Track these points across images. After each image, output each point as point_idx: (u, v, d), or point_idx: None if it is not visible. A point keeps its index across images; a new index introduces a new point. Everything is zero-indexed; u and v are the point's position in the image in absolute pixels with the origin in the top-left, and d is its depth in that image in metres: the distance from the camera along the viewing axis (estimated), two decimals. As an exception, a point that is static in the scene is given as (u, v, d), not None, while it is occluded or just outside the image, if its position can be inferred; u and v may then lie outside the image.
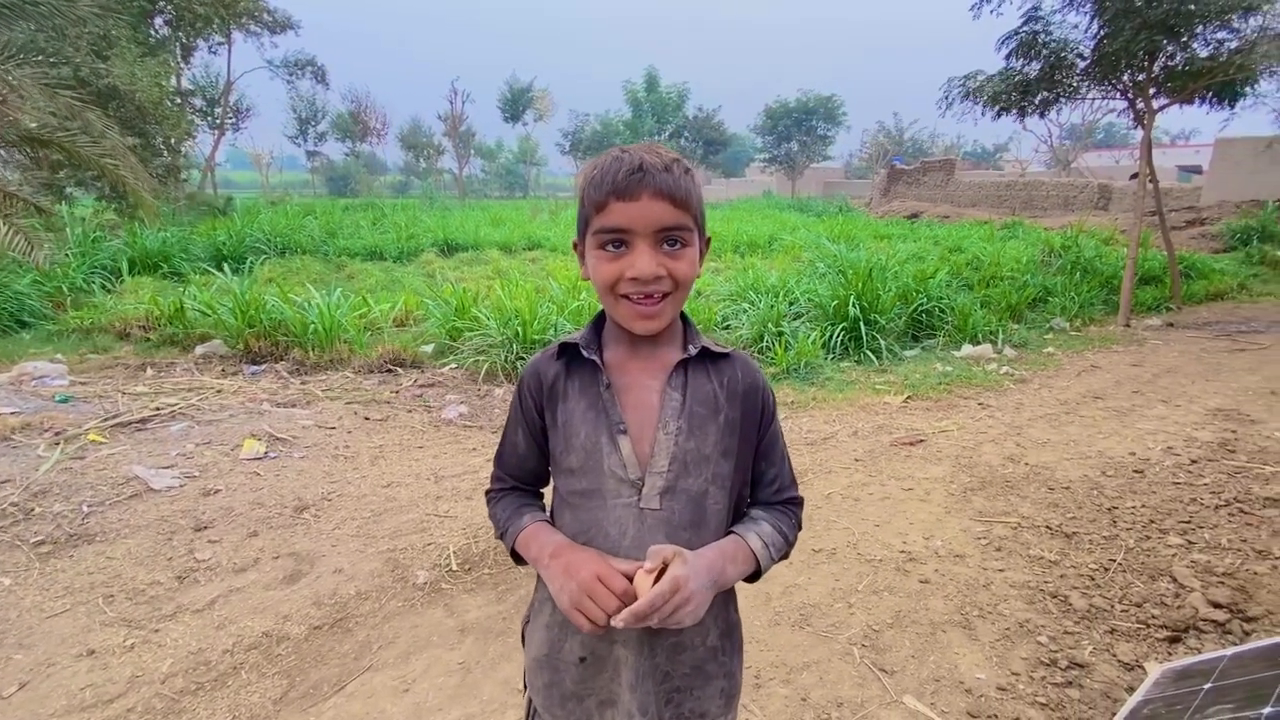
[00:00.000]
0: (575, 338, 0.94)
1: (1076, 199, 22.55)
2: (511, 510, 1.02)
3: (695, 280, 0.88)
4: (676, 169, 0.83)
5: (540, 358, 0.98)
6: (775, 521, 0.97)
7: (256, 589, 2.47)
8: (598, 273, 0.85)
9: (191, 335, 6.36)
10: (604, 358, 0.93)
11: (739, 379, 0.95)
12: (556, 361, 0.95)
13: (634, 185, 0.80)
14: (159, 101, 15.73)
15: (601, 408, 0.90)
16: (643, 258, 0.81)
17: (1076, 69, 8.70)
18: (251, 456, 3.48)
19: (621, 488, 0.89)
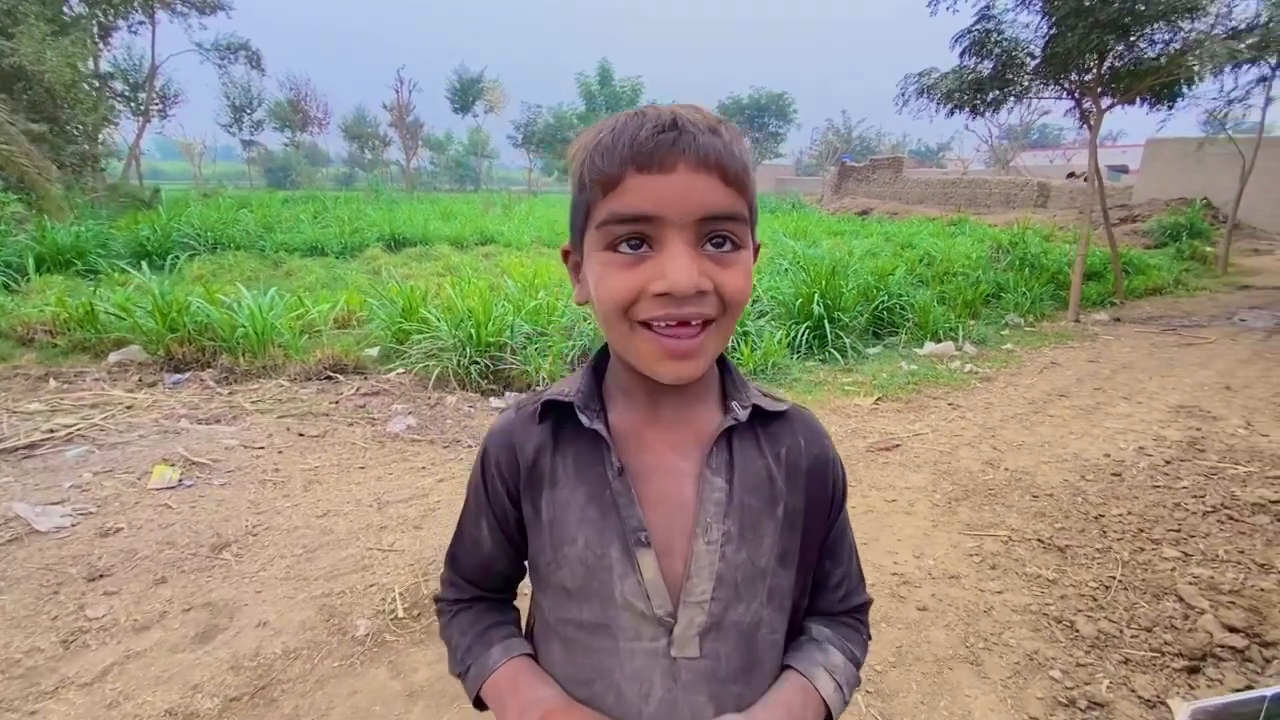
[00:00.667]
0: (565, 390, 0.65)
1: (1017, 196, 23.39)
2: (474, 636, 0.72)
3: (746, 303, 0.59)
4: (726, 131, 0.55)
5: (513, 420, 0.68)
6: (844, 643, 0.71)
7: (161, 652, 2.09)
8: (605, 287, 0.55)
9: (105, 340, 5.73)
10: (609, 421, 0.64)
11: (801, 449, 0.67)
12: (539, 427, 0.66)
13: (665, 150, 0.52)
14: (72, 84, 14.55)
15: (610, 503, 0.62)
16: (678, 261, 0.52)
17: (1027, 68, 8.83)
18: (162, 486, 3.04)
19: (642, 626, 0.61)
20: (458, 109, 38.50)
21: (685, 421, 0.64)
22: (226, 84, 35.15)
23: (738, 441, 0.64)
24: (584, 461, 0.63)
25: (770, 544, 0.63)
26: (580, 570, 0.62)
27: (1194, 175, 18.10)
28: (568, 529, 0.63)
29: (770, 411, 0.66)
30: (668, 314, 0.53)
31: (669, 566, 0.61)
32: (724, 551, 0.61)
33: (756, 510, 0.63)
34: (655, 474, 0.63)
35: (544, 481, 0.65)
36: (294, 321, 6.03)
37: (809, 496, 0.67)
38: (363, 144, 43.39)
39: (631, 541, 0.60)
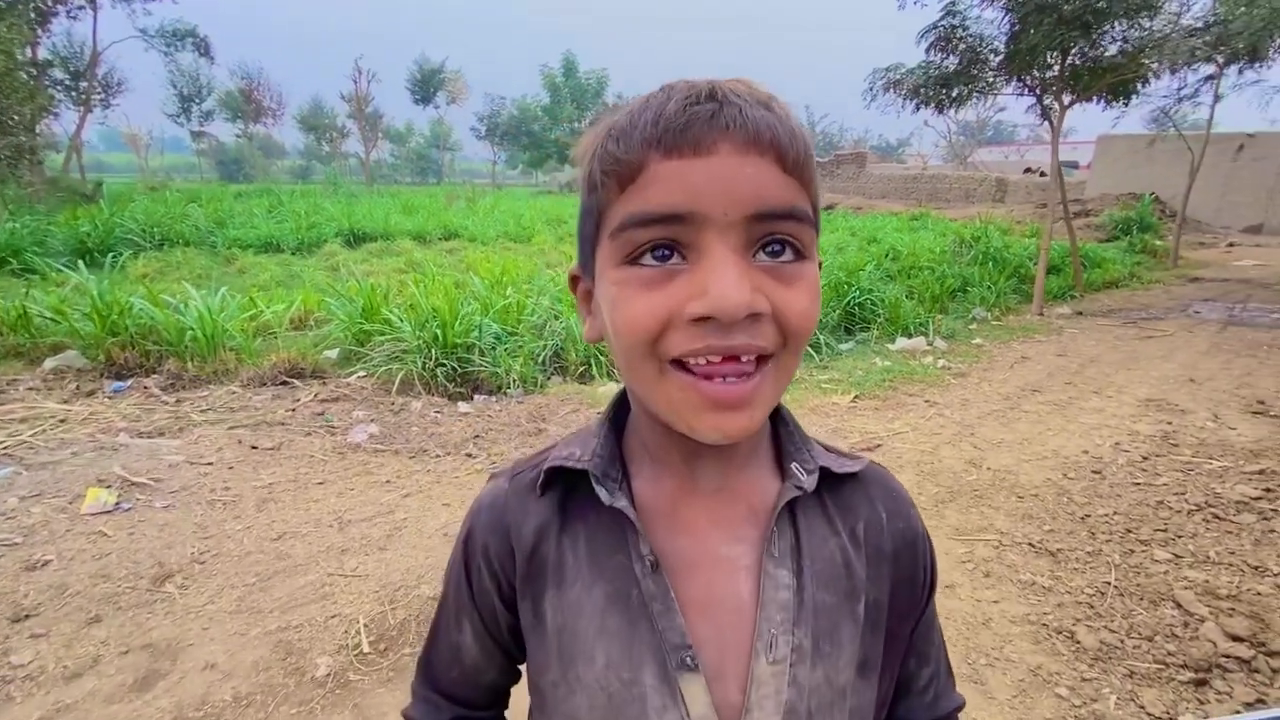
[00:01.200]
0: (578, 453, 0.50)
1: (976, 191, 23.96)
2: None
3: (812, 334, 0.44)
4: (778, 107, 0.41)
5: (506, 492, 0.53)
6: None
7: (95, 703, 1.86)
8: (624, 314, 0.41)
9: (40, 346, 5.32)
10: (634, 492, 0.49)
11: (883, 524, 0.52)
12: (540, 501, 0.51)
13: (702, 125, 0.38)
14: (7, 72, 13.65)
15: (640, 609, 0.47)
16: (723, 272, 0.38)
17: (990, 64, 8.93)
18: (97, 510, 2.77)
19: None
20: (418, 100, 37.62)
21: (733, 491, 0.49)
22: (173, 72, 33.62)
23: (802, 517, 0.49)
24: (600, 548, 0.49)
25: (850, 653, 0.49)
26: (601, 699, 0.47)
27: (1143, 171, 18.76)
28: (583, 643, 0.48)
29: (840, 474, 0.51)
30: (709, 346, 0.39)
31: (722, 695, 0.46)
32: (794, 674, 0.46)
33: (833, 610, 0.48)
34: (700, 567, 0.48)
35: (548, 574, 0.50)
36: (247, 323, 5.71)
37: (895, 585, 0.52)
38: (320, 135, 42.02)
39: (674, 664, 0.46)
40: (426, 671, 0.61)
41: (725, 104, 0.38)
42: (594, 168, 0.42)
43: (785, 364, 0.42)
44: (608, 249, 0.42)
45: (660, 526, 0.49)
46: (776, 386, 0.43)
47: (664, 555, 0.48)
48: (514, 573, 0.51)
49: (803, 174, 0.41)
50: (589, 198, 0.43)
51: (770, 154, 0.39)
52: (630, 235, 0.40)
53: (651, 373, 0.41)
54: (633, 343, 0.40)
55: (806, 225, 0.41)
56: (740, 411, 0.41)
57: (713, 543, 0.48)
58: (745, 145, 0.38)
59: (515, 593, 0.51)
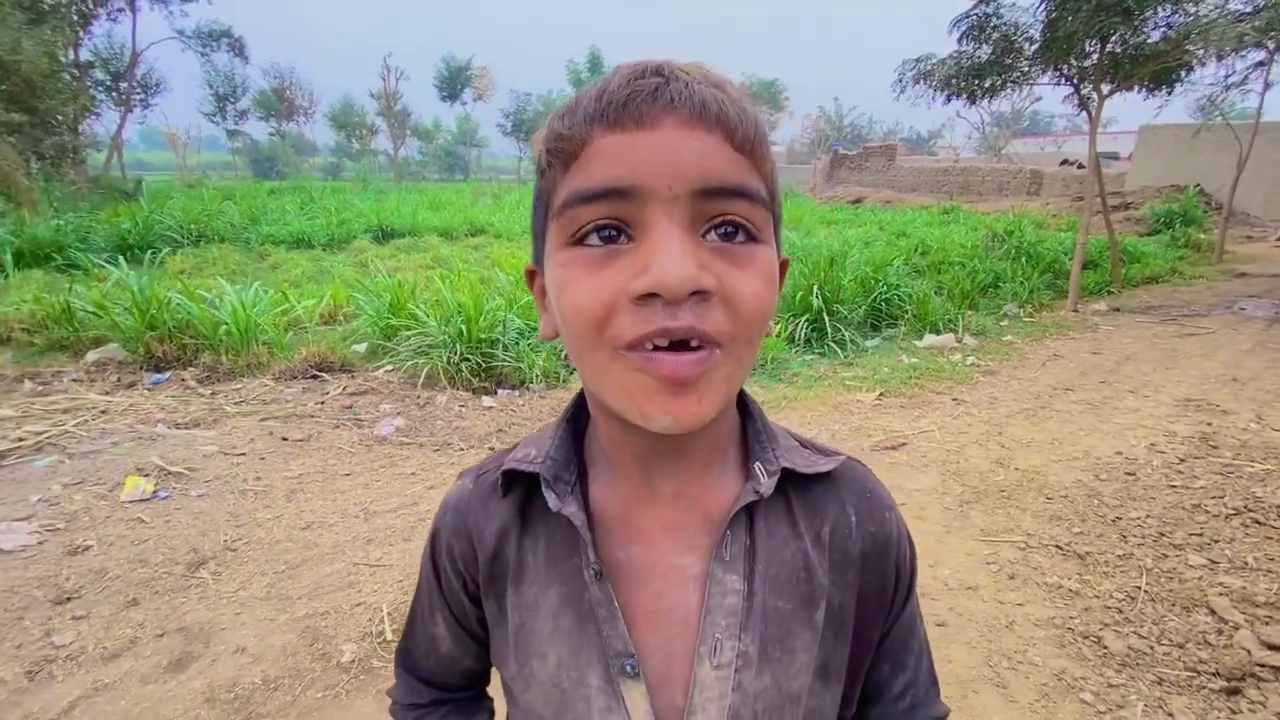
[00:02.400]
0: (533, 455, 0.49)
1: (1010, 184, 23.35)
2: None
3: (770, 326, 0.42)
4: (731, 89, 0.39)
5: (468, 495, 0.53)
6: None
7: (131, 683, 1.94)
8: (569, 297, 0.39)
9: (83, 339, 5.54)
10: (589, 498, 0.49)
11: (852, 527, 0.50)
12: (501, 502, 0.51)
13: (644, 99, 0.37)
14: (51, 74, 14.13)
15: (588, 612, 0.47)
16: (667, 246, 0.36)
17: (1025, 53, 8.69)
18: (135, 498, 2.87)
19: None
20: (445, 97, 38.00)
21: (690, 498, 0.48)
22: (209, 72, 34.47)
23: (763, 520, 0.48)
24: (558, 551, 0.48)
25: (806, 660, 0.48)
26: (554, 694, 0.48)
27: (1187, 162, 18.06)
28: (538, 641, 0.48)
29: (807, 475, 0.49)
30: (657, 329, 0.36)
31: (666, 700, 0.46)
32: (739, 679, 0.46)
33: (786, 615, 0.47)
34: (651, 576, 0.47)
35: (508, 575, 0.50)
36: (279, 318, 5.85)
37: (862, 590, 0.50)
38: (350, 133, 42.75)
39: (615, 670, 0.46)
40: (406, 659, 0.62)
41: (671, 79, 0.37)
42: (541, 152, 0.41)
43: (739, 353, 0.40)
44: (554, 231, 0.40)
45: (614, 534, 0.48)
46: (731, 376, 0.40)
47: (616, 564, 0.47)
48: (478, 573, 0.52)
49: (754, 153, 0.39)
50: (540, 182, 0.42)
51: (718, 130, 0.37)
52: (574, 213, 0.38)
53: (601, 362, 0.39)
54: (580, 328, 0.39)
55: (760, 207, 0.39)
56: (689, 394, 0.38)
57: (665, 551, 0.48)
58: (691, 119, 0.37)
59: (481, 591, 0.52)
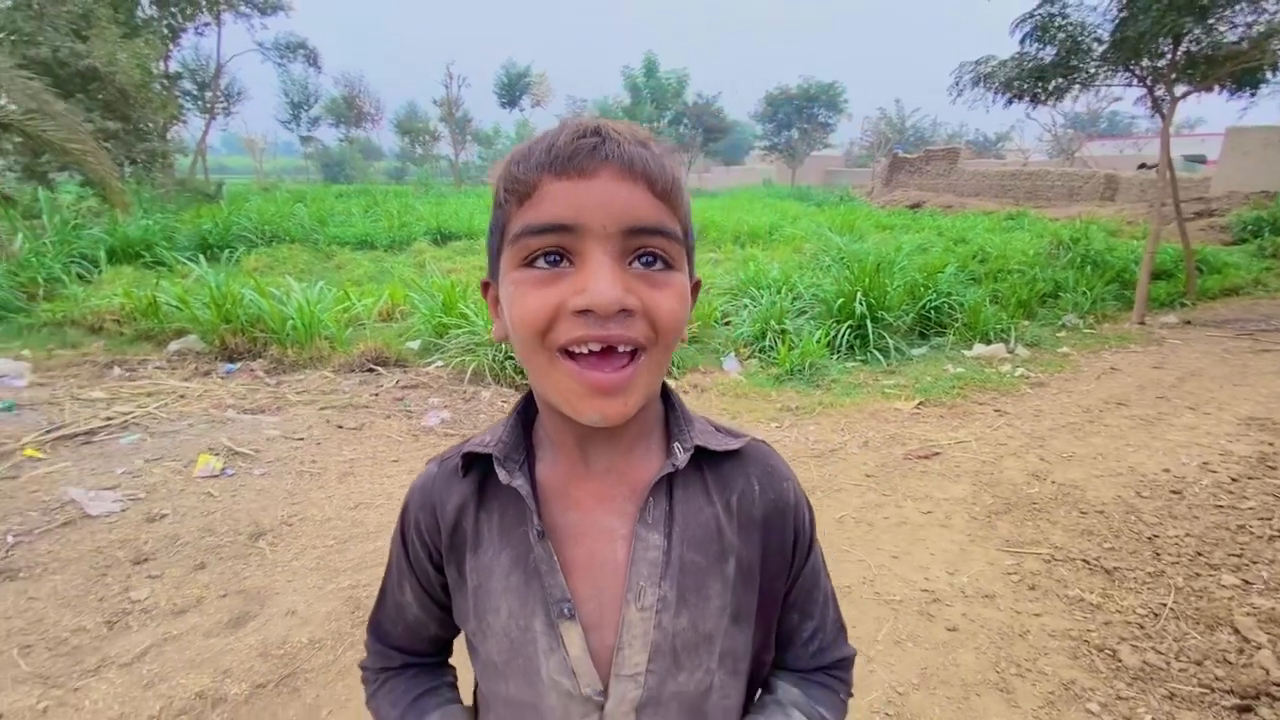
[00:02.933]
0: (487, 440, 0.59)
1: (1082, 189, 22.22)
2: (406, 705, 0.67)
3: (683, 335, 0.52)
4: (655, 146, 0.50)
5: (434, 476, 0.63)
6: (812, 706, 0.64)
7: (196, 636, 2.18)
8: (519, 308, 0.49)
9: (166, 331, 6.03)
10: (535, 474, 0.59)
11: (755, 495, 0.60)
12: (461, 482, 0.60)
13: (585, 154, 0.47)
14: (143, 84, 15.29)
15: (533, 569, 0.56)
16: (600, 273, 0.46)
17: (1094, 54, 8.35)
18: (207, 474, 3.18)
19: (571, 706, 0.56)
20: (505, 103, 38.97)
21: (620, 472, 0.58)
22: (286, 81, 36.48)
23: (680, 490, 0.58)
24: (509, 519, 0.58)
25: (719, 605, 0.57)
26: (505, 643, 0.57)
27: (1278, 166, 16.81)
28: (491, 597, 0.58)
29: (718, 452, 0.59)
30: (589, 335, 0.47)
31: (599, 639, 0.56)
32: (660, 618, 0.55)
33: (701, 568, 0.57)
34: (586, 536, 0.57)
35: (466, 544, 0.60)
36: (340, 314, 6.23)
37: (766, 547, 0.60)
38: (414, 139, 44.44)
39: (555, 614, 0.55)
40: (377, 630, 0.71)
41: (607, 139, 0.48)
42: (499, 187, 0.51)
43: (657, 357, 0.50)
44: (508, 254, 0.50)
45: (555, 503, 0.58)
46: (650, 378, 0.51)
47: (556, 527, 0.57)
48: (441, 544, 0.61)
49: (671, 200, 0.49)
50: (496, 214, 0.52)
51: (642, 182, 0.48)
52: (526, 242, 0.48)
53: (544, 362, 0.49)
54: (527, 333, 0.49)
55: (674, 242, 0.50)
56: (616, 398, 0.48)
57: (598, 516, 0.57)
58: (621, 173, 0.47)
59: (443, 559, 0.62)
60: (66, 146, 6.14)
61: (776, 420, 4.47)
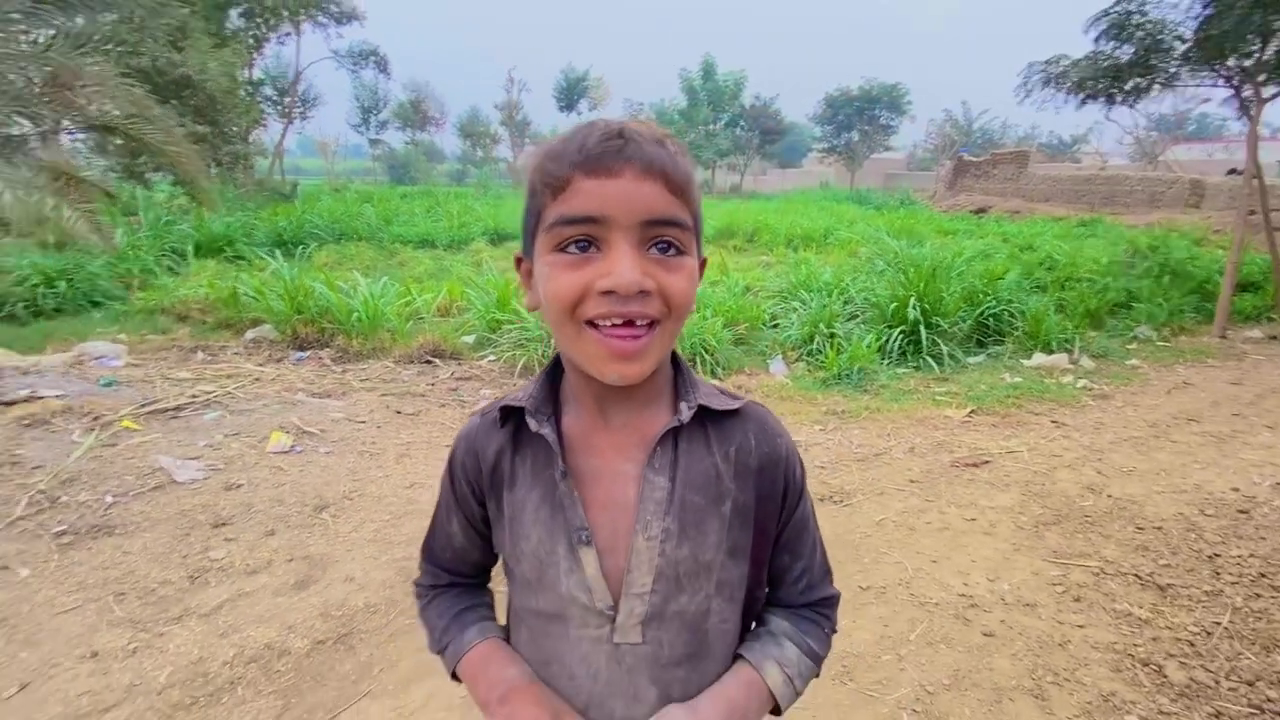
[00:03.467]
0: (520, 396, 0.69)
1: (1165, 195, 20.90)
2: (451, 618, 0.77)
3: (692, 309, 0.61)
4: (671, 145, 0.58)
5: (476, 426, 0.73)
6: (801, 637, 0.72)
7: (265, 594, 2.38)
8: (553, 286, 0.57)
9: (244, 320, 6.48)
10: (561, 427, 0.68)
11: (752, 447, 0.69)
12: (499, 431, 0.70)
13: (611, 155, 0.55)
14: (230, 91, 16.35)
15: (558, 503, 0.66)
16: (622, 260, 0.55)
17: (1175, 53, 7.91)
18: (278, 450, 3.43)
19: (587, 616, 0.66)
20: (563, 107, 39.68)
21: (633, 426, 0.67)
22: (357, 87, 38.24)
23: (684, 442, 0.66)
24: (539, 464, 0.67)
25: (716, 539, 0.66)
26: (534, 564, 0.67)
27: (1394, 172, 15.43)
28: (523, 526, 0.67)
29: (719, 410, 0.68)
30: (612, 311, 0.55)
31: (612, 563, 0.65)
32: (664, 547, 0.64)
33: (700, 507, 0.65)
34: (602, 477, 0.66)
35: (504, 482, 0.69)
36: (402, 308, 6.54)
37: (760, 493, 0.68)
38: (475, 142, 45.78)
39: (574, 540, 0.65)
40: (428, 554, 0.83)
41: (630, 141, 0.56)
42: (535, 179, 0.59)
43: (670, 329, 0.59)
44: (543, 239, 0.59)
45: (577, 450, 0.67)
46: (663, 345, 0.60)
47: (577, 470, 0.66)
48: (483, 483, 0.72)
49: (683, 194, 0.58)
50: (531, 201, 0.61)
51: (660, 179, 0.56)
52: (559, 230, 0.57)
53: (572, 332, 0.58)
54: (559, 308, 0.57)
55: (685, 231, 0.59)
56: (634, 362, 0.57)
57: (613, 462, 0.67)
58: (642, 171, 0.55)
59: (485, 495, 0.72)
60: (163, 148, 6.66)
61: (820, 423, 4.46)
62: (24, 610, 2.23)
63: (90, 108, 6.28)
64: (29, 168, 5.57)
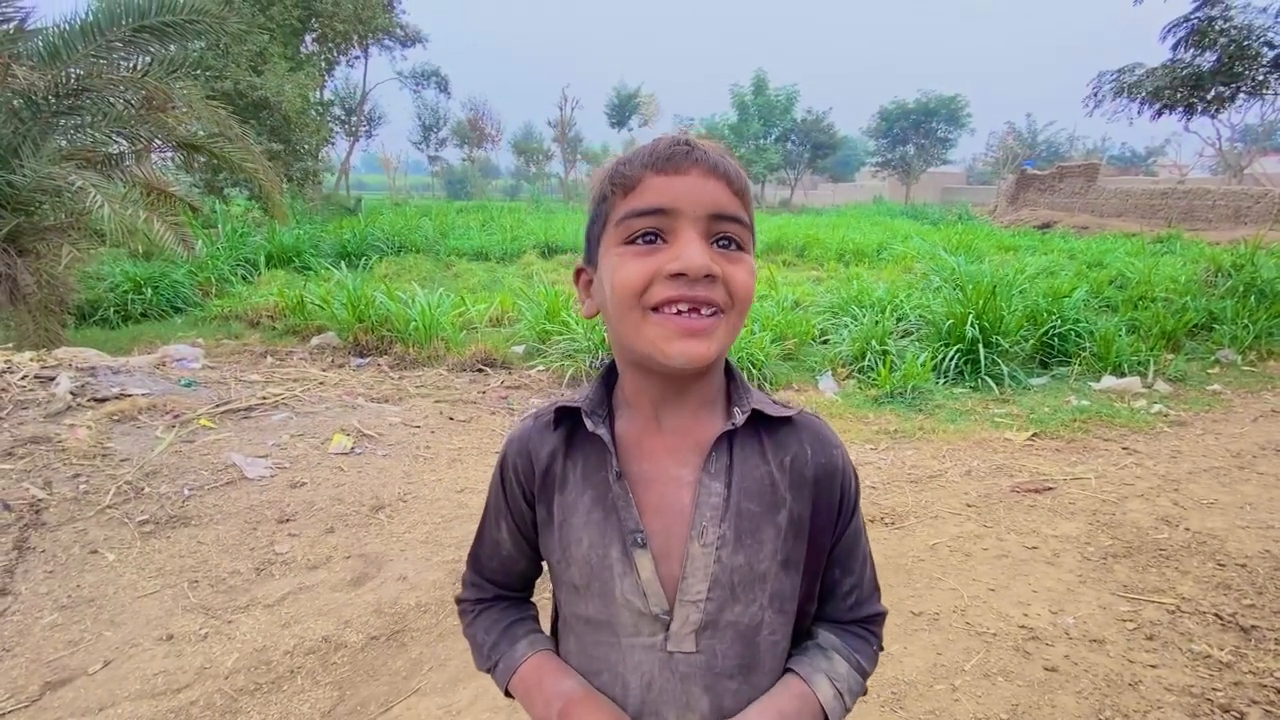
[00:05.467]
0: (576, 398, 0.69)
1: (1251, 210, 19.63)
2: (499, 633, 0.78)
3: (752, 304, 0.63)
4: (731, 157, 0.63)
5: (530, 427, 0.74)
6: (851, 653, 0.71)
7: (324, 589, 2.48)
8: (621, 274, 0.58)
9: (309, 326, 6.81)
10: (615, 430, 0.68)
11: (808, 458, 0.68)
12: (553, 434, 0.71)
13: (680, 156, 0.59)
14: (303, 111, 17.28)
15: (611, 506, 0.66)
16: (691, 244, 0.57)
17: (1263, 60, 7.48)
18: (339, 451, 3.58)
19: (641, 623, 0.66)
20: (614, 123, 40.28)
21: (686, 431, 0.67)
22: (419, 106, 39.81)
23: (739, 448, 0.66)
24: (591, 466, 0.68)
25: (771, 549, 0.65)
26: (585, 569, 0.67)
27: None
28: (574, 530, 0.67)
29: (775, 418, 0.67)
30: (680, 295, 0.57)
31: (666, 569, 0.64)
32: (720, 555, 0.64)
33: (756, 515, 0.65)
34: (656, 481, 0.66)
35: (555, 485, 0.70)
36: (456, 318, 6.74)
37: (816, 505, 0.68)
38: (528, 158, 46.95)
39: (629, 543, 0.64)
40: (475, 563, 0.83)
41: (695, 147, 0.60)
42: (604, 186, 0.62)
43: (733, 320, 0.61)
44: (611, 234, 0.61)
45: (630, 453, 0.67)
46: (728, 334, 0.61)
47: (630, 473, 0.66)
48: (534, 484, 0.71)
49: (743, 196, 0.62)
50: (598, 207, 0.64)
51: (724, 179, 0.60)
52: (629, 223, 0.59)
53: (636, 320, 0.59)
54: (626, 293, 0.58)
55: (745, 228, 0.62)
56: (701, 340, 0.58)
57: (667, 466, 0.67)
58: (708, 171, 0.59)
59: (535, 498, 0.72)
60: (242, 165, 7.11)
61: (872, 443, 4.35)
62: (110, 592, 2.39)
63: (179, 128, 6.77)
64: (124, 183, 6.04)
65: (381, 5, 21.64)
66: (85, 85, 5.76)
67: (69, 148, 5.96)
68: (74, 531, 2.71)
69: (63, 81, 5.57)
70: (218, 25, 6.09)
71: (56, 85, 5.53)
